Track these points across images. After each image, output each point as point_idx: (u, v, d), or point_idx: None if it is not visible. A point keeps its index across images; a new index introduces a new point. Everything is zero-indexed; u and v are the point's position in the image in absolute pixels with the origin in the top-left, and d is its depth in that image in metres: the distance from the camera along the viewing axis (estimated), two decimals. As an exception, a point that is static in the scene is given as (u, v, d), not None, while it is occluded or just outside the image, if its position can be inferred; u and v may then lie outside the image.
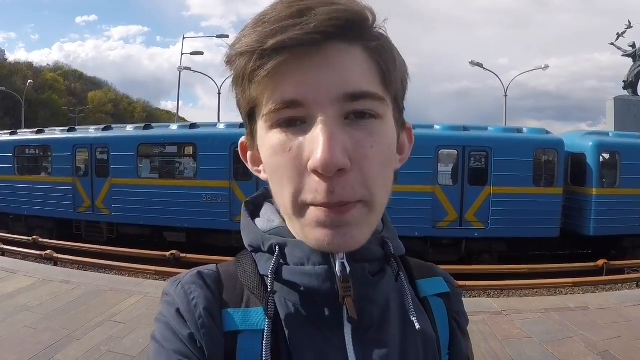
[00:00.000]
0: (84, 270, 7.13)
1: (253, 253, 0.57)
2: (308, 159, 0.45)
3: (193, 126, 11.45)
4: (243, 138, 0.57)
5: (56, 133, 12.47)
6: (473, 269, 7.68)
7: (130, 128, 11.83)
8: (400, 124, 0.54)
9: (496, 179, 9.44)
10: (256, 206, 0.61)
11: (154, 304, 4.83)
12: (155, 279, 6.64)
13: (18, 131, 14.58)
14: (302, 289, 0.51)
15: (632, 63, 25.13)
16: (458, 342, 0.63)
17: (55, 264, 7.54)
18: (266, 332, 0.48)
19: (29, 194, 11.65)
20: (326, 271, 0.50)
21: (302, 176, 0.46)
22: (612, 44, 26.21)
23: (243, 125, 0.56)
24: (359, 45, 0.47)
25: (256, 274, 0.55)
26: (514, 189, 9.42)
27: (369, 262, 0.52)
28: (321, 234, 0.46)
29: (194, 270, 0.57)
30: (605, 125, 24.83)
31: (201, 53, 27.51)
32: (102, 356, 3.62)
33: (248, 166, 0.57)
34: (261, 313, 0.51)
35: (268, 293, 0.49)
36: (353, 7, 0.46)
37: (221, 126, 10.84)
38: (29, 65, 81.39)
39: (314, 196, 0.45)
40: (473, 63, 24.57)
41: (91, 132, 11.87)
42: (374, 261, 0.53)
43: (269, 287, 0.50)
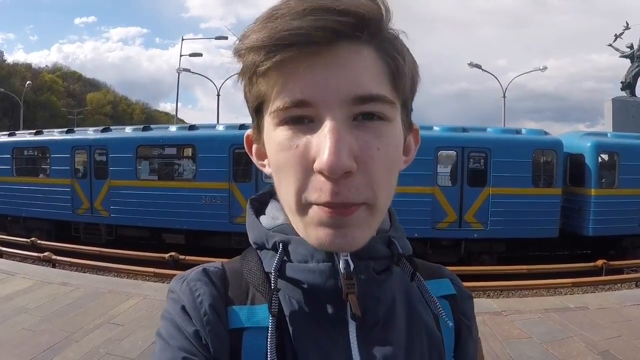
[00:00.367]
0: (83, 272, 7.10)
1: (258, 250, 0.57)
2: (314, 158, 0.44)
3: (192, 128, 11.39)
4: (249, 131, 0.57)
5: (55, 134, 12.44)
6: (473, 270, 7.68)
7: (129, 129, 11.79)
8: (407, 126, 0.53)
9: (495, 180, 9.46)
10: (261, 203, 0.61)
11: (153, 306, 4.82)
12: (154, 281, 6.64)
13: (16, 132, 14.60)
14: (306, 286, 0.51)
15: (630, 64, 25.19)
16: (464, 345, 0.62)
17: (53, 266, 7.52)
18: (270, 330, 0.48)
19: (27, 196, 11.62)
20: (330, 268, 0.50)
21: (307, 174, 0.46)
22: (610, 45, 26.25)
23: (242, 126, 0.56)
24: (371, 45, 0.46)
25: (261, 271, 0.55)
26: (513, 190, 9.44)
27: (374, 260, 0.52)
28: (322, 234, 0.46)
29: (200, 267, 0.56)
30: (603, 126, 24.96)
31: (200, 55, 27.45)
32: (101, 358, 3.61)
33: (253, 159, 0.57)
34: (266, 310, 0.50)
35: (271, 290, 0.49)
36: (367, 6, 0.45)
37: (220, 127, 10.76)
38: (28, 66, 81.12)
39: (318, 195, 0.45)
40: (472, 64, 24.63)
41: (90, 134, 11.85)
42: (379, 259, 0.53)
43: (272, 285, 0.50)
